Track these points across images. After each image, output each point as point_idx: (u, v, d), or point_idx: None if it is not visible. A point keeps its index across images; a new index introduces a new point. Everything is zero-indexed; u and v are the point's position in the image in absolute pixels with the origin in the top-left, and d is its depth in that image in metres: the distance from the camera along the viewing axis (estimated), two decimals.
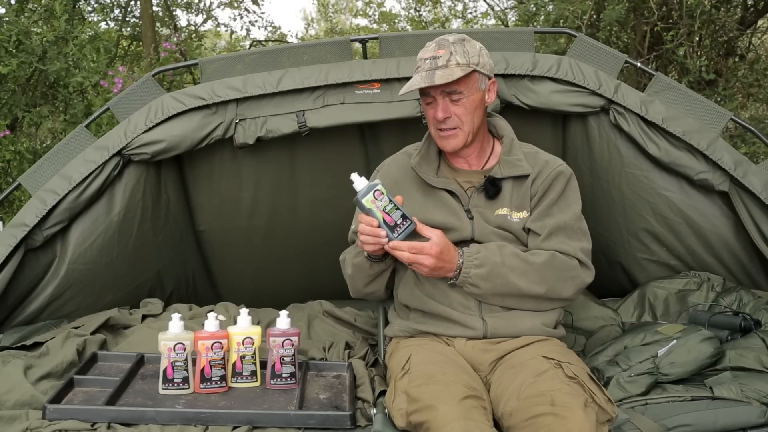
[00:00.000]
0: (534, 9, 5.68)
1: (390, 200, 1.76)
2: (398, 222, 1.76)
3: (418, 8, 10.07)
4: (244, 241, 2.89)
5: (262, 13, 9.81)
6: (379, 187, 1.77)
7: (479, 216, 1.94)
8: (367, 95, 2.47)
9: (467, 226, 1.93)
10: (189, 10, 8.06)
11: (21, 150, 4.69)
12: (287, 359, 1.97)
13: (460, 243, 1.90)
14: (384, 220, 1.76)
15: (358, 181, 1.78)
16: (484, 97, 1.94)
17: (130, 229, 2.58)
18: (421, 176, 1.99)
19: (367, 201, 1.76)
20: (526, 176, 1.96)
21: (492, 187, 1.94)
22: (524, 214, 1.94)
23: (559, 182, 1.96)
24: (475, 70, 1.88)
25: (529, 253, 1.89)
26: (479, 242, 1.91)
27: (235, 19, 14.36)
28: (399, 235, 1.76)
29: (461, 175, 2.01)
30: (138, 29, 7.22)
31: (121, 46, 7.47)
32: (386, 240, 1.77)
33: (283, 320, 2.00)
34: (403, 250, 1.77)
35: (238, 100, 2.47)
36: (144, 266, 2.71)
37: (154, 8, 6.94)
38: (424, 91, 1.91)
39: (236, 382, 1.98)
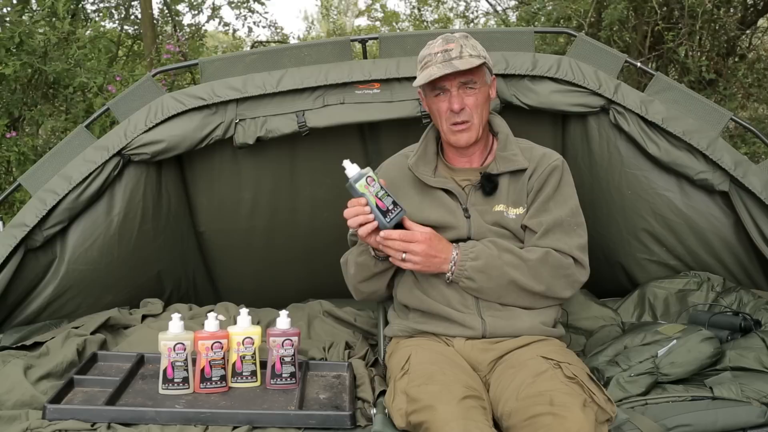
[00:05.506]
0: (536, 8, 5.67)
1: (381, 187, 1.80)
2: (390, 207, 1.80)
3: (420, 8, 10.08)
4: (244, 241, 2.89)
5: (266, 12, 9.77)
6: (371, 174, 1.80)
7: (477, 214, 1.95)
8: (367, 95, 2.47)
9: (464, 224, 1.94)
10: (191, 9, 8.03)
11: (24, 151, 4.69)
12: (287, 359, 1.98)
13: (457, 241, 1.90)
14: (376, 205, 1.79)
15: (350, 168, 1.81)
16: (489, 92, 1.96)
17: (130, 229, 2.58)
18: (417, 176, 1.99)
19: (360, 186, 1.78)
20: (523, 171, 1.96)
21: (488, 183, 1.95)
22: (520, 210, 1.95)
23: (554, 177, 1.96)
24: (485, 63, 1.91)
25: (524, 250, 1.90)
26: (476, 240, 1.92)
27: (243, 23, 14.35)
28: (391, 220, 1.79)
29: (459, 173, 2.01)
30: (138, 28, 7.21)
31: (124, 45, 7.46)
32: (372, 217, 1.78)
33: (283, 320, 2.00)
34: (395, 238, 1.79)
35: (238, 100, 2.47)
36: (144, 266, 2.71)
37: (155, 8, 6.93)
38: (436, 85, 1.91)
39: (236, 382, 1.98)
